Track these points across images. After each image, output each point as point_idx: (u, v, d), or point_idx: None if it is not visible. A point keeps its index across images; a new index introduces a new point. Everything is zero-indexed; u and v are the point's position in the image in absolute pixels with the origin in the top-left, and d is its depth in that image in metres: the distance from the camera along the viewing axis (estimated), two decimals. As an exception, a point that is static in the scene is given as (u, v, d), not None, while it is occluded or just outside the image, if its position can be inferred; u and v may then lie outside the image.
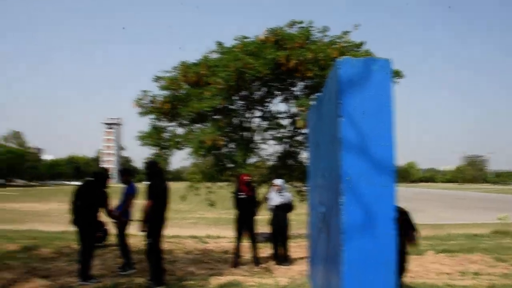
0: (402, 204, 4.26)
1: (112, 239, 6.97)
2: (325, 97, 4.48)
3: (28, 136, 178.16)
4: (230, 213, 8.46)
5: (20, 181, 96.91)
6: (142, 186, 6.88)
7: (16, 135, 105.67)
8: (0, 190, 59.19)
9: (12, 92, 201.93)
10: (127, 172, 7.65)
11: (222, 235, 11.67)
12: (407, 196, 43.03)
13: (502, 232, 13.41)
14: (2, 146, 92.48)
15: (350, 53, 10.27)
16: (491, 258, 8.42)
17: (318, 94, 10.43)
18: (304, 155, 11.61)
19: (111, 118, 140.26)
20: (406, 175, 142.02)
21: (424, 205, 32.68)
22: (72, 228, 6.76)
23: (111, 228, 6.93)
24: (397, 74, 10.73)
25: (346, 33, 10.91)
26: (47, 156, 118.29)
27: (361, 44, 10.97)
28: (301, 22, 10.88)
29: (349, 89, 3.43)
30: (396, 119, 3.44)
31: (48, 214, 22.69)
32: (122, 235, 7.19)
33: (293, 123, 11.40)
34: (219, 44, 11.23)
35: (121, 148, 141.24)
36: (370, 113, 3.43)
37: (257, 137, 11.76)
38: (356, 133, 3.42)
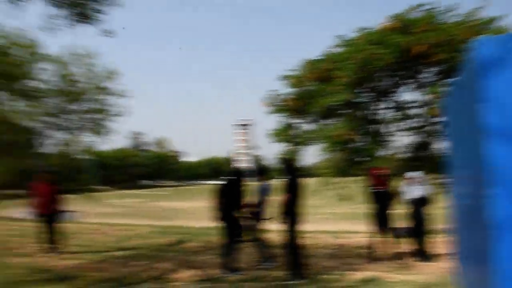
0: None
1: (251, 234, 7.36)
2: (463, 81, 4.18)
3: (174, 141, 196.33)
4: (362, 208, 8.32)
5: (168, 182, 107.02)
6: (275, 183, 7.15)
7: (162, 141, 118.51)
8: (150, 191, 65.98)
9: (157, 103, 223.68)
10: (261, 171, 8.01)
11: (355, 230, 11.52)
12: None
13: None
14: (150, 151, 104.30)
15: (484, 31, 9.32)
16: None
17: (452, 79, 9.70)
18: (438, 145, 10.88)
19: (243, 119, 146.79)
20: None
21: None
22: (216, 224, 7.29)
23: (249, 224, 7.32)
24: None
25: (476, 10, 9.92)
26: (191, 159, 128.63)
27: (493, 19, 9.87)
28: (423, 5, 10.19)
29: (491, 70, 3.14)
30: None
31: (191, 211, 24.70)
32: (259, 231, 7.53)
33: (425, 112, 10.75)
34: (341, 37, 11.08)
35: (253, 147, 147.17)
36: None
37: (387, 129, 11.34)
38: (503, 118, 3.13)
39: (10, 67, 15.42)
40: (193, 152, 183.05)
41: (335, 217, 18.24)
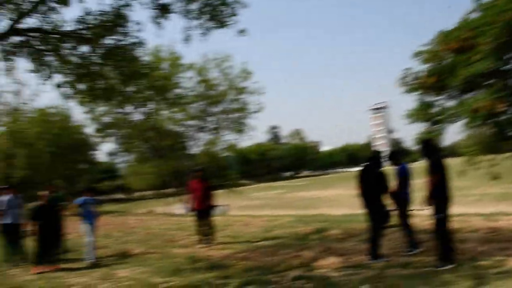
0: None
1: (395, 220, 7.18)
2: None
3: (308, 131, 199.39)
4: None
5: (305, 172, 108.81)
6: (415, 166, 6.86)
7: (297, 132, 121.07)
8: (290, 182, 67.83)
9: (292, 96, 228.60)
10: (395, 154, 7.75)
11: (512, 211, 10.40)
12: None
13: None
14: (287, 144, 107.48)
15: None
16: None
17: None
18: None
19: (378, 103, 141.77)
20: None
21: None
22: (359, 211, 7.25)
23: (394, 209, 7.14)
24: None
25: None
26: (325, 148, 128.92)
27: None
28: None
29: None
30: None
31: (332, 199, 24.83)
32: (404, 216, 7.27)
33: None
34: (478, 1, 10.06)
35: (390, 131, 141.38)
36: None
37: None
38: None
39: (160, 81, 17.26)
40: (328, 141, 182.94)
41: (486, 198, 16.63)
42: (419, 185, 6.45)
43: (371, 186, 6.95)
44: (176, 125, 24.22)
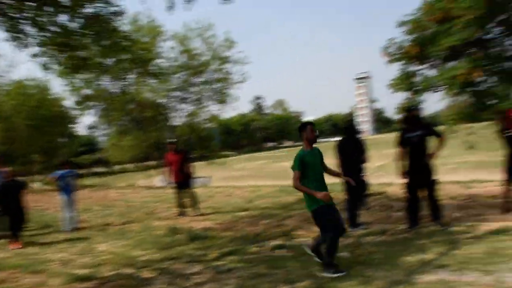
0: None
1: (373, 188, 7.29)
2: None
3: (291, 102, 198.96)
4: (496, 155, 7.59)
5: (288, 142, 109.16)
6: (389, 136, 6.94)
7: (280, 103, 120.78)
8: (273, 152, 68.09)
9: (271, 64, 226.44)
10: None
11: (489, 179, 10.62)
12: None
13: None
14: (270, 114, 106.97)
15: None
16: None
17: None
18: None
19: (361, 73, 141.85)
20: None
21: None
22: (337, 180, 7.32)
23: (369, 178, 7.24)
24: None
25: None
26: (309, 118, 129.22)
27: None
28: None
29: None
30: None
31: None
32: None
33: None
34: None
35: (373, 100, 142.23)
36: None
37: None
38: None
39: (140, 52, 16.82)
40: (312, 111, 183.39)
41: (465, 166, 16.95)
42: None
43: (349, 156, 7.01)
44: (157, 97, 23.85)
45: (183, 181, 10.18)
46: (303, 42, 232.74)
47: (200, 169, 11.09)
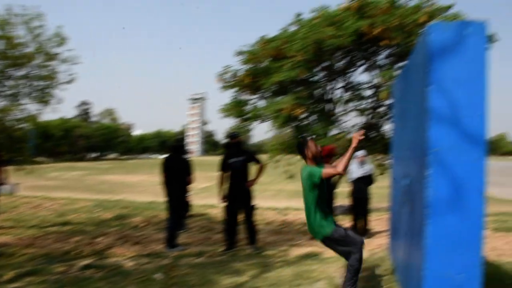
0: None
1: (195, 210, 7.32)
2: (413, 65, 4.23)
3: (121, 112, 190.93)
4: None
5: (113, 155, 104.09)
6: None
7: (109, 112, 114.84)
8: (96, 164, 64.06)
9: (105, 70, 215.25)
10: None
11: (302, 207, 11.70)
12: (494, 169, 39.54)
13: None
14: (97, 122, 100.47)
15: (439, 17, 9.59)
16: None
17: (403, 63, 9.87)
18: (386, 127, 11.20)
19: (196, 94, 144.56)
20: (496, 147, 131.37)
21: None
22: (162, 199, 7.15)
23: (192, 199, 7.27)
24: (491, 38, 9.82)
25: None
26: (137, 131, 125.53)
27: (449, 7, 10.16)
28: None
29: (440, 56, 3.21)
30: (489, 88, 3.19)
31: (137, 185, 24.23)
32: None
33: (376, 94, 10.98)
34: (298, 16, 11.02)
35: (204, 122, 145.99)
36: (462, 81, 3.21)
37: (338, 109, 11.50)
38: (446, 103, 3.21)
39: None
40: (141, 125, 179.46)
41: (283, 194, 18.47)
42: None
43: (174, 175, 6.96)
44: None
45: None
46: (142, 53, 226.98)
47: (8, 175, 9.65)
